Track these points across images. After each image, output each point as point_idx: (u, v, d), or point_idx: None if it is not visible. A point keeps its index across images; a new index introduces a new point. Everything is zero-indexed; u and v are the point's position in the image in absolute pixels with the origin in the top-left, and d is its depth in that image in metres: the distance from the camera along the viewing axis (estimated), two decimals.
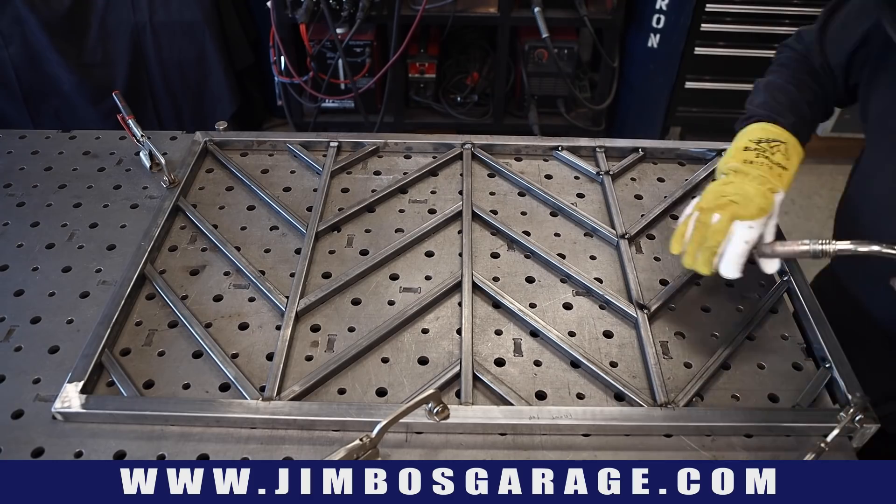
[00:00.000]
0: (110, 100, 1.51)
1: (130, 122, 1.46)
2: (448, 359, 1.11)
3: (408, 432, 1.01)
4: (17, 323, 1.15)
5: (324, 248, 1.32)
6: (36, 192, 1.43)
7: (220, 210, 1.40)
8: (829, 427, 0.99)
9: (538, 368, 1.11)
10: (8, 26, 2.88)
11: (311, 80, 3.12)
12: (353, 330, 1.16)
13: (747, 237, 1.05)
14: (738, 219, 1.06)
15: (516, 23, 3.13)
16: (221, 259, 1.29)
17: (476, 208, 1.39)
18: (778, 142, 1.15)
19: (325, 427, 1.01)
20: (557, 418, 1.01)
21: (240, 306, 1.20)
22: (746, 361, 1.13)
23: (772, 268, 1.10)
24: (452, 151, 1.54)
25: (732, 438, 1.01)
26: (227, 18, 3.17)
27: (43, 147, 1.55)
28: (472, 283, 1.22)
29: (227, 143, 1.56)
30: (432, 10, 3.00)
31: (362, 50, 3.17)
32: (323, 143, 1.56)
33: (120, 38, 3.02)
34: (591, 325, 1.18)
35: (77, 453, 0.98)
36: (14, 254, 1.29)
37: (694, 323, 1.19)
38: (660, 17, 3.07)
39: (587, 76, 3.46)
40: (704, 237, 1.08)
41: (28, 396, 1.04)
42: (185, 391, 1.06)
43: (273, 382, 1.05)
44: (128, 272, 1.22)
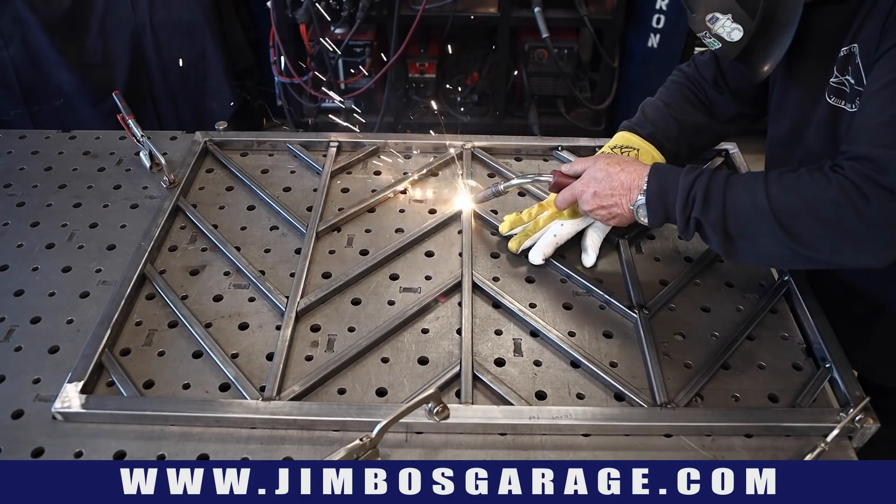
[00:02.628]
0: (110, 100, 1.51)
1: (130, 122, 1.46)
2: (448, 359, 1.11)
3: (408, 432, 1.01)
4: (17, 323, 1.15)
5: (324, 248, 1.31)
6: (36, 192, 1.43)
7: (220, 210, 1.40)
8: (829, 427, 0.99)
9: (538, 368, 1.11)
10: (8, 26, 2.87)
11: (311, 80, 3.12)
12: (353, 330, 1.16)
13: (556, 232, 1.28)
14: (558, 218, 1.28)
15: (516, 23, 3.13)
16: (221, 259, 1.28)
17: (476, 208, 1.39)
18: (630, 148, 1.30)
19: (325, 427, 1.01)
20: (557, 418, 1.00)
21: (240, 306, 1.20)
22: (746, 361, 1.13)
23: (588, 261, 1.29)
24: (452, 151, 1.54)
25: (732, 438, 1.01)
26: (227, 18, 3.17)
27: (43, 147, 1.55)
28: (472, 283, 1.22)
29: (227, 143, 1.56)
30: (432, 10, 3.00)
31: (362, 50, 3.16)
32: (323, 143, 1.56)
33: (120, 38, 3.01)
34: (591, 325, 1.18)
35: (77, 453, 0.97)
36: (14, 254, 1.28)
37: (694, 323, 1.19)
38: (660, 17, 3.07)
39: (587, 76, 3.45)
40: (529, 226, 1.30)
41: (28, 396, 1.04)
42: (185, 391, 1.06)
43: (273, 382, 1.05)
44: (128, 272, 1.22)
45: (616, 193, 1.14)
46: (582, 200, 1.19)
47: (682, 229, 1.08)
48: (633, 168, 1.14)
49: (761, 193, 0.99)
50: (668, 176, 1.09)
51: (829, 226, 0.96)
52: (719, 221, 1.03)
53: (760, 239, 1.02)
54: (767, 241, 1.01)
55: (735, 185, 1.03)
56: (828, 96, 1.08)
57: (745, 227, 1.02)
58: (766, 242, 1.01)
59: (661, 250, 1.33)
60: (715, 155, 1.53)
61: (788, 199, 0.98)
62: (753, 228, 1.01)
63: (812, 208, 0.97)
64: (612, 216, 1.17)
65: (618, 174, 1.14)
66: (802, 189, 0.98)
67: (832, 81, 1.07)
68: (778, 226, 0.98)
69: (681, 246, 1.34)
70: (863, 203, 0.93)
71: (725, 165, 1.52)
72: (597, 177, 1.16)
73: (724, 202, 1.02)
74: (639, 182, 1.12)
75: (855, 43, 1.02)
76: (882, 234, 0.94)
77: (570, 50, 3.19)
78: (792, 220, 0.98)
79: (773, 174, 1.02)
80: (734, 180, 1.04)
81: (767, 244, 1.01)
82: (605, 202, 1.15)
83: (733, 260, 1.10)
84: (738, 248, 1.05)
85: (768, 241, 1.01)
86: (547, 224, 1.29)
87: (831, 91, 1.07)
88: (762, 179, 1.01)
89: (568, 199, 1.21)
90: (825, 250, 0.98)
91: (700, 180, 1.05)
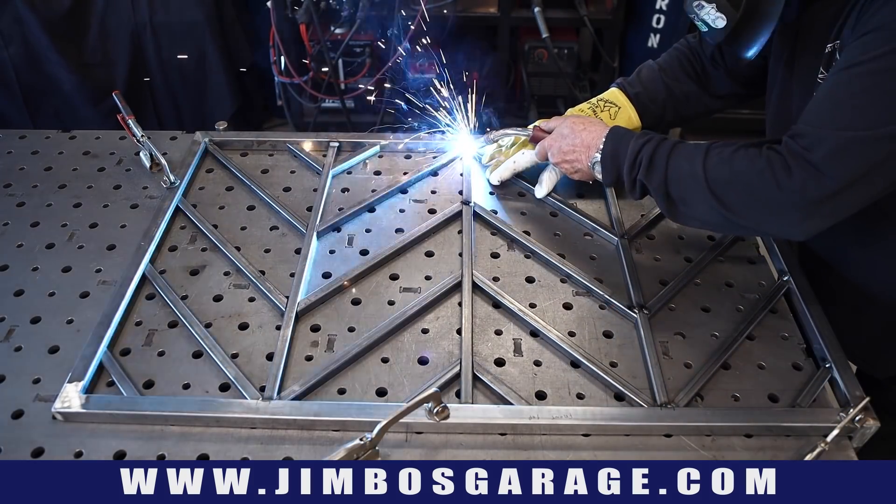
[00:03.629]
0: (110, 100, 1.51)
1: (130, 122, 1.46)
2: (448, 359, 1.11)
3: (408, 432, 1.01)
4: (17, 323, 1.15)
5: (324, 248, 1.31)
6: (36, 192, 1.43)
7: (220, 210, 1.40)
8: (829, 427, 0.99)
9: (538, 368, 1.11)
10: (8, 26, 2.87)
11: (311, 80, 3.12)
12: (353, 330, 1.16)
13: (516, 159, 1.43)
14: (524, 147, 1.42)
15: (516, 23, 3.13)
16: (221, 259, 1.28)
17: (476, 208, 1.39)
18: (612, 104, 1.40)
19: (325, 427, 1.01)
20: (557, 418, 1.00)
21: (240, 306, 1.20)
22: (746, 361, 1.13)
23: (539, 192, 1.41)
24: (452, 152, 1.54)
25: (732, 438, 1.01)
26: (227, 18, 3.16)
27: (43, 147, 1.55)
28: (472, 283, 1.22)
29: (227, 143, 1.56)
30: (432, 10, 3.00)
31: (362, 50, 3.16)
32: (323, 143, 1.55)
33: (120, 38, 3.01)
34: (591, 325, 1.18)
35: (77, 453, 0.97)
36: (14, 254, 1.28)
37: (694, 323, 1.19)
38: (660, 17, 3.07)
39: (587, 76, 3.45)
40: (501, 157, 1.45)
41: (28, 396, 1.04)
42: (185, 391, 1.06)
43: (273, 382, 1.05)
44: (128, 272, 1.22)
45: (577, 150, 1.24)
46: (550, 153, 1.31)
47: (629, 189, 1.18)
48: (594, 128, 1.24)
49: (699, 163, 1.07)
50: (622, 139, 1.18)
51: (753, 195, 1.03)
52: (661, 185, 1.11)
53: (697, 205, 1.09)
54: (703, 207, 1.08)
55: (678, 153, 1.11)
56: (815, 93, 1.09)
57: (684, 192, 1.10)
58: (702, 208, 1.09)
59: (661, 250, 1.33)
60: None
61: (721, 169, 1.05)
62: (690, 194, 1.09)
63: (739, 179, 1.04)
64: (575, 170, 1.27)
65: (580, 132, 1.25)
66: (735, 161, 1.04)
67: (819, 78, 1.09)
68: (710, 194, 1.05)
69: (681, 246, 1.34)
70: (785, 175, 0.99)
71: None
72: (563, 133, 1.27)
73: (667, 168, 1.10)
74: (597, 142, 1.21)
75: (838, 40, 1.04)
76: (800, 204, 0.99)
77: (570, 50, 3.19)
78: (722, 188, 1.05)
79: (714, 146, 1.08)
80: (679, 148, 1.11)
81: (703, 209, 1.09)
82: (569, 157, 1.26)
83: (676, 221, 1.18)
84: (679, 212, 1.13)
85: (703, 206, 1.08)
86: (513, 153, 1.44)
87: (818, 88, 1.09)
88: (703, 150, 1.08)
89: (541, 152, 1.34)
90: (752, 218, 1.06)
91: (648, 146, 1.13)
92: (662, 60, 1.45)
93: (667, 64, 1.43)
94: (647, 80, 1.42)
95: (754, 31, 1.09)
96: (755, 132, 1.40)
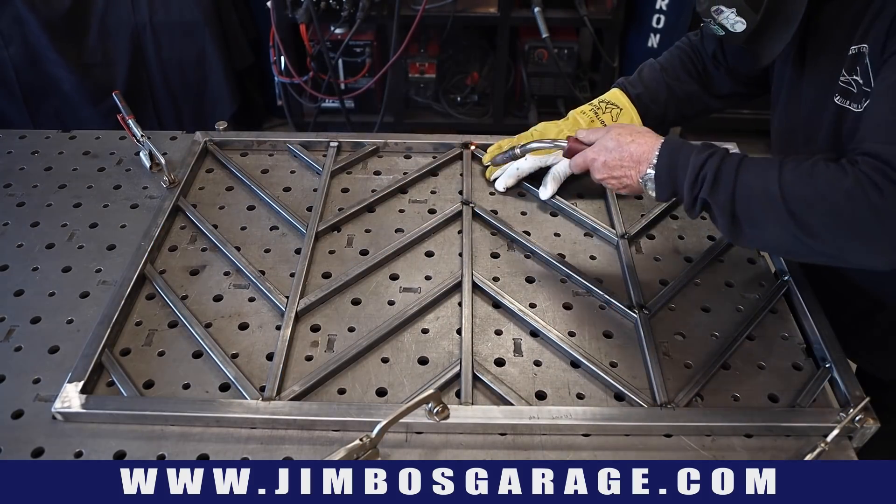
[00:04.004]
0: (110, 100, 1.51)
1: (130, 122, 1.46)
2: (448, 359, 1.11)
3: (408, 432, 1.01)
4: (17, 323, 1.15)
5: (324, 248, 1.31)
6: (36, 192, 1.43)
7: (220, 210, 1.40)
8: (829, 427, 0.99)
9: (538, 368, 1.11)
10: (8, 26, 2.88)
11: (311, 80, 3.12)
12: (353, 330, 1.16)
13: (519, 165, 1.41)
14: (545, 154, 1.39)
15: (516, 23, 3.13)
16: (221, 259, 1.29)
17: (476, 208, 1.39)
18: (614, 106, 1.39)
19: (325, 427, 1.01)
20: (557, 418, 1.00)
21: (240, 306, 1.20)
22: (746, 361, 1.13)
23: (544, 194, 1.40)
24: (452, 151, 1.54)
25: (732, 438, 1.01)
26: (227, 18, 3.17)
27: (43, 147, 1.55)
28: (472, 283, 1.22)
29: (227, 143, 1.56)
30: (432, 10, 3.00)
31: (362, 50, 3.16)
32: (323, 143, 1.56)
33: (120, 38, 3.02)
34: (591, 325, 1.18)
35: (77, 453, 0.97)
36: (14, 254, 1.28)
37: (694, 323, 1.19)
38: (660, 17, 3.07)
39: (587, 76, 3.46)
40: None
41: (28, 396, 1.04)
42: (185, 391, 1.06)
43: (273, 382, 1.05)
44: (128, 272, 1.22)
45: (625, 164, 1.13)
46: (593, 168, 1.19)
47: (689, 207, 1.07)
48: (643, 140, 1.12)
49: (774, 180, 0.96)
50: (680, 152, 1.07)
51: (841, 218, 0.93)
52: (728, 203, 1.01)
53: (768, 226, 0.99)
54: (775, 229, 0.98)
55: (748, 169, 1.00)
56: (835, 96, 1.08)
57: (754, 212, 0.99)
58: (774, 230, 0.99)
59: (661, 250, 1.33)
60: None
61: (802, 187, 0.95)
62: (762, 215, 0.99)
63: (826, 199, 0.93)
64: (623, 186, 1.16)
65: (628, 145, 1.13)
66: (817, 178, 0.94)
67: (841, 81, 1.06)
68: (788, 214, 0.95)
69: (681, 246, 1.34)
70: (877, 196, 0.89)
71: None
72: (608, 146, 1.16)
73: (735, 185, 1.00)
74: (649, 155, 1.10)
75: (865, 43, 1.01)
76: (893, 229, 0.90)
77: (570, 50, 3.19)
78: (804, 209, 0.94)
79: (788, 161, 0.99)
80: (748, 163, 1.01)
81: (775, 232, 0.99)
82: (616, 172, 1.15)
83: (739, 244, 1.09)
84: (745, 234, 1.03)
85: (776, 228, 0.98)
86: None
87: (839, 90, 1.07)
88: (777, 165, 0.98)
89: (580, 164, 1.22)
90: (834, 244, 0.95)
91: (712, 160, 1.03)
92: (664, 59, 1.43)
93: (668, 63, 1.42)
94: (649, 80, 1.41)
95: (775, 33, 1.06)
96: (755, 132, 1.40)
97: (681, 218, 1.40)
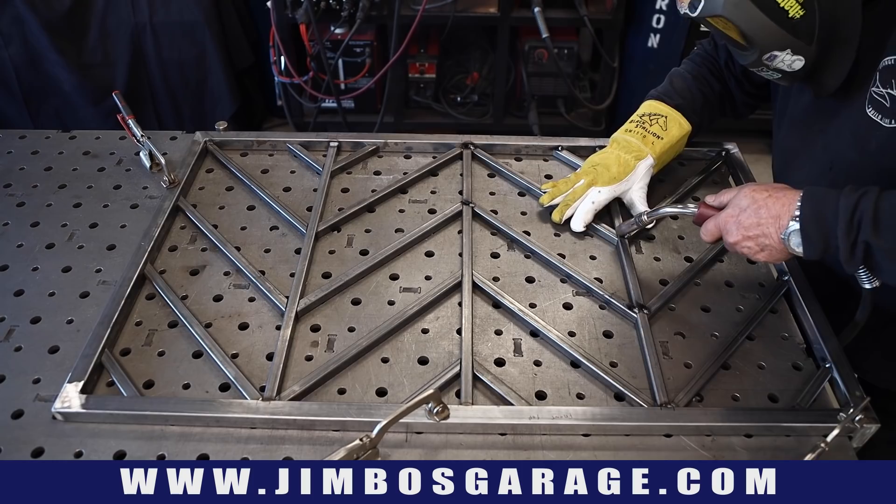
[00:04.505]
0: (110, 100, 1.51)
1: (130, 122, 1.46)
2: (448, 359, 1.11)
3: (408, 432, 1.01)
4: (17, 323, 1.15)
5: (324, 248, 1.32)
6: (36, 192, 1.43)
7: (220, 210, 1.40)
8: (829, 427, 0.99)
9: (538, 368, 1.11)
10: (8, 26, 2.88)
11: (311, 80, 3.12)
12: (353, 330, 1.16)
13: (594, 199, 1.33)
14: (594, 185, 1.33)
15: (516, 23, 3.13)
16: (221, 259, 1.29)
17: (476, 208, 1.39)
18: (658, 115, 1.36)
19: (325, 427, 1.01)
20: (557, 418, 1.01)
21: (240, 306, 1.20)
22: (746, 361, 1.13)
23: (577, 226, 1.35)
24: (452, 151, 1.54)
25: (732, 438, 1.01)
26: (227, 18, 3.17)
27: (43, 147, 1.55)
28: (472, 283, 1.22)
29: (227, 143, 1.56)
30: (432, 10, 3.00)
31: (362, 50, 3.16)
32: (323, 143, 1.56)
33: (120, 38, 3.02)
34: (591, 325, 1.18)
35: (77, 453, 0.97)
36: (14, 254, 1.29)
37: (694, 323, 1.19)
38: (660, 17, 3.07)
39: (587, 76, 3.45)
40: (568, 196, 1.35)
41: (28, 396, 1.04)
42: (185, 391, 1.06)
43: (273, 382, 1.05)
44: (128, 272, 1.22)
45: (763, 222, 1.02)
46: (726, 232, 1.08)
47: (847, 257, 0.95)
48: (781, 195, 1.02)
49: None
50: (825, 198, 0.97)
51: None
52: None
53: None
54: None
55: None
56: (866, 107, 1.03)
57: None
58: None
59: (661, 250, 1.33)
60: (714, 154, 1.53)
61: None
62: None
63: None
64: (761, 248, 1.05)
65: (765, 200, 1.03)
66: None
67: (873, 92, 1.01)
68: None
69: (681, 246, 1.34)
70: None
71: (725, 165, 1.52)
72: (741, 205, 1.06)
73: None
74: (789, 207, 1.00)
75: None
76: None
77: (570, 50, 3.19)
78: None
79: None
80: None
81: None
82: (752, 232, 1.04)
83: None
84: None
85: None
86: (584, 192, 1.34)
87: (870, 102, 1.02)
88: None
89: (712, 231, 1.11)
90: None
91: (866, 199, 0.93)
92: (690, 68, 1.41)
93: (697, 72, 1.40)
94: (683, 89, 1.38)
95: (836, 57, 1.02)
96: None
97: (681, 218, 1.40)
